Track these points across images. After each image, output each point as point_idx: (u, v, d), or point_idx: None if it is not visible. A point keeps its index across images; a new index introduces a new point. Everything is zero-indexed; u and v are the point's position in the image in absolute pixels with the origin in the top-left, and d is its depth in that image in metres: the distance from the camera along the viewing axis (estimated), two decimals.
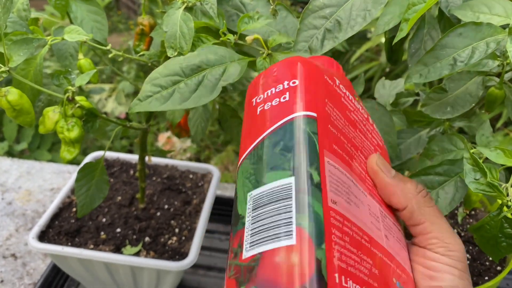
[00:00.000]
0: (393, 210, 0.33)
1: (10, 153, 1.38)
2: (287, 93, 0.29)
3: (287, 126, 0.27)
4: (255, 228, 0.24)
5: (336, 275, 0.21)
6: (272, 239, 0.23)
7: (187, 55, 0.38)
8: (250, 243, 0.23)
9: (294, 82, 0.29)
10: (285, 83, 0.30)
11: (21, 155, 1.41)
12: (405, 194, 0.31)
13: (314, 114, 0.27)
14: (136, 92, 1.80)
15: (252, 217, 0.24)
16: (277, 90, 0.30)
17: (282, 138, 0.26)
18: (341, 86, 0.32)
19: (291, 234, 0.22)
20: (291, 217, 0.23)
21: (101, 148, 1.48)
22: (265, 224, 0.24)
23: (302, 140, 0.26)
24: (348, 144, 0.29)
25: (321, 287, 0.20)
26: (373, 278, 0.24)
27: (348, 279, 0.22)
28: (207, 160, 1.65)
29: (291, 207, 0.23)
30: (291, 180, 0.24)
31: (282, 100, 0.29)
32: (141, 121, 0.56)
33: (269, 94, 0.30)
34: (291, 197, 0.24)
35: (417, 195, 0.32)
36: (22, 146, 1.38)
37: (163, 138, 1.55)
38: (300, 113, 0.27)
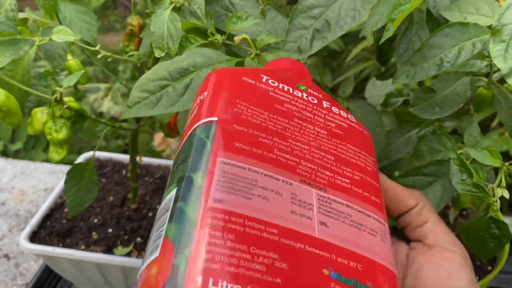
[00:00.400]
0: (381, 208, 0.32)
1: (4, 153, 1.37)
2: (197, 107, 0.30)
3: (189, 138, 0.28)
4: (149, 244, 0.25)
5: (200, 277, 0.20)
6: (149, 255, 0.24)
7: (174, 59, 0.38)
8: (143, 259, 0.24)
9: (203, 95, 0.31)
10: (198, 98, 0.31)
11: (15, 155, 1.41)
12: (414, 193, 0.34)
13: (214, 119, 0.28)
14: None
15: (152, 233, 0.26)
16: (193, 105, 0.32)
17: (185, 150, 0.28)
18: (271, 81, 0.32)
19: (158, 247, 0.23)
20: (163, 229, 0.24)
21: (95, 148, 1.48)
22: (152, 239, 0.25)
23: (194, 148, 0.27)
24: (270, 136, 0.28)
25: None
26: (274, 274, 0.22)
27: (220, 280, 0.20)
28: None
29: (167, 218, 0.24)
30: (174, 191, 0.25)
31: (192, 115, 0.30)
32: (131, 121, 0.56)
33: (191, 111, 0.32)
34: (169, 209, 0.25)
35: (423, 195, 0.34)
36: (17, 146, 1.38)
37: (159, 138, 1.55)
38: (200, 122, 0.28)
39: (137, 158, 0.62)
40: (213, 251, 0.21)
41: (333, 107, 0.34)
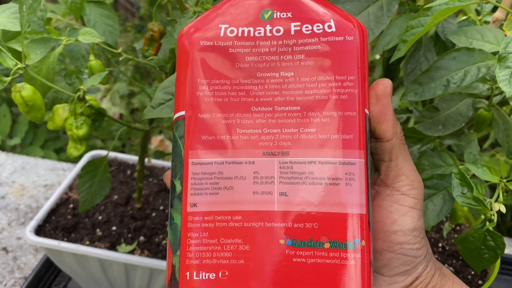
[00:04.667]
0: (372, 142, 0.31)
1: (2, 148, 1.38)
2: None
3: (173, 136, 0.30)
4: None
5: (187, 273, 0.26)
6: None
7: None
8: None
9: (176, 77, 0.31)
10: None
11: (13, 150, 1.41)
12: (395, 126, 0.31)
13: (183, 113, 0.29)
14: (131, 94, 1.81)
15: None
16: None
17: (172, 151, 0.30)
18: (229, 30, 0.30)
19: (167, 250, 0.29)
20: (167, 233, 0.29)
21: (93, 147, 1.49)
22: None
23: (173, 150, 0.29)
24: (232, 113, 0.29)
25: (175, 286, 0.27)
26: (238, 257, 0.27)
27: (201, 272, 0.26)
28: None
29: (168, 223, 0.29)
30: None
31: None
32: (144, 122, 0.58)
33: None
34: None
35: (400, 130, 0.32)
36: (15, 141, 1.38)
37: (156, 141, 1.56)
38: (174, 118, 0.30)
39: (145, 159, 0.64)
40: (193, 250, 0.27)
41: (304, 26, 0.30)
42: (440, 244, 0.65)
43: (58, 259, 0.63)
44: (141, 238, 0.65)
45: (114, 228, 0.66)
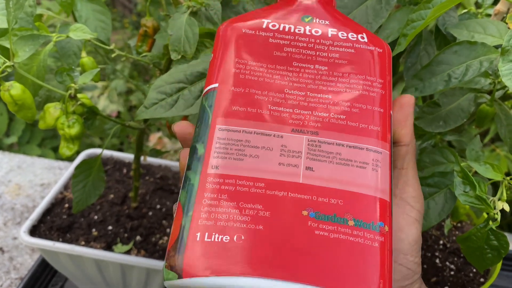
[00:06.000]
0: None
1: None
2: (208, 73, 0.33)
3: (200, 106, 0.31)
4: None
5: (198, 234, 0.25)
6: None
7: (190, 63, 0.39)
8: None
9: (211, 57, 0.33)
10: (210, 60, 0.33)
11: (10, 148, 1.40)
12: (413, 133, 0.33)
13: (215, 85, 0.30)
14: (129, 91, 1.79)
15: None
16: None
17: (197, 119, 0.31)
18: (271, 24, 0.33)
19: (175, 210, 0.28)
20: (179, 195, 0.28)
21: (91, 145, 1.48)
22: None
23: (200, 118, 0.30)
24: (266, 91, 0.30)
25: (180, 247, 0.25)
26: (257, 222, 0.26)
27: (214, 233, 0.25)
28: None
29: (181, 185, 0.28)
30: (188, 160, 0.29)
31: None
32: (139, 120, 0.56)
33: None
34: (183, 176, 0.29)
35: (415, 143, 0.34)
36: (12, 140, 1.37)
37: (154, 138, 1.55)
38: (205, 90, 0.31)
39: (141, 158, 0.63)
40: (208, 211, 0.26)
41: (340, 33, 0.33)
42: (441, 242, 0.64)
43: (53, 260, 0.63)
44: (138, 237, 0.64)
45: (110, 227, 0.65)
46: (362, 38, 0.33)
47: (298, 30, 0.33)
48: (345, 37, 0.33)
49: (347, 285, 0.24)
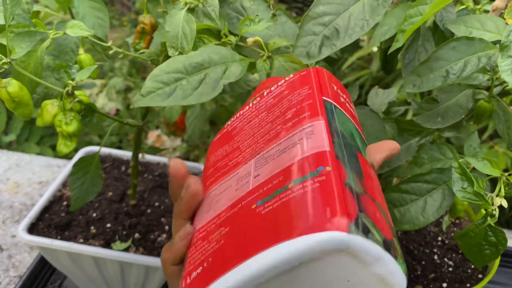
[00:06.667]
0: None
1: None
2: None
3: None
4: None
5: (183, 282, 0.29)
6: None
7: (189, 54, 0.39)
8: None
9: None
10: None
11: (8, 146, 1.40)
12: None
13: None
14: (127, 89, 1.79)
15: None
16: None
17: None
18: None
19: None
20: None
21: (90, 143, 1.48)
22: None
23: None
24: (236, 149, 0.35)
25: None
26: (220, 240, 0.29)
27: (192, 272, 0.29)
28: (196, 160, 1.65)
29: None
30: None
31: None
32: (137, 117, 0.56)
33: None
34: None
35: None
36: (10, 138, 1.37)
37: (153, 136, 1.55)
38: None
39: (139, 155, 0.62)
40: (191, 262, 0.30)
41: (273, 87, 0.37)
42: (439, 238, 0.65)
43: (52, 258, 0.62)
44: (136, 235, 0.64)
45: (108, 225, 0.65)
46: (288, 77, 0.37)
47: (256, 101, 0.37)
48: (276, 87, 0.37)
49: (300, 227, 0.25)
